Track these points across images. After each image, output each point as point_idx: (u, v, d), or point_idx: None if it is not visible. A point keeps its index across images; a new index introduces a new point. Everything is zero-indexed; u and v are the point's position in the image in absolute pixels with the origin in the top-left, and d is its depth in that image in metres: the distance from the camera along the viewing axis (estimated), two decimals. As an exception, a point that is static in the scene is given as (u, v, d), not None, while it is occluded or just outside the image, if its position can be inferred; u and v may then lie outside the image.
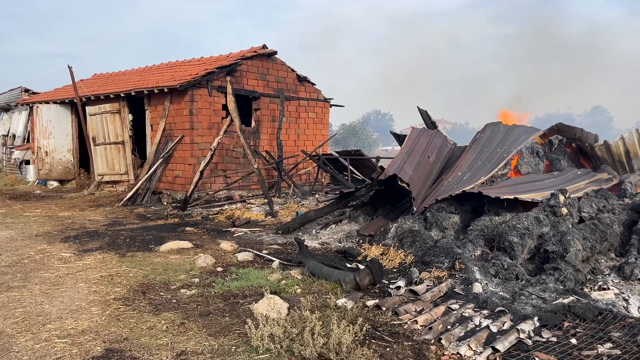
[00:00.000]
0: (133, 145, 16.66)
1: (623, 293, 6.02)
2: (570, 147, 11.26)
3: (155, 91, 15.14)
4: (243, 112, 16.29)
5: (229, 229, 10.15)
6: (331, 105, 19.02)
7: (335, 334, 4.22)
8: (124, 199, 13.89)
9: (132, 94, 15.76)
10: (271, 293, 5.65)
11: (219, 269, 7.07)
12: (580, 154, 11.30)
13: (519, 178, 9.83)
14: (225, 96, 13.79)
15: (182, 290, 6.04)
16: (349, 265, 7.04)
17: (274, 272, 6.76)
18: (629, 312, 5.54)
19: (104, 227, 10.36)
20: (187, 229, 10.16)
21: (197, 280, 6.48)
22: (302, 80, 17.65)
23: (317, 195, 14.90)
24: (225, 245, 8.40)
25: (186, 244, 8.41)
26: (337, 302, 5.51)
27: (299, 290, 6.03)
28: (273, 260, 7.40)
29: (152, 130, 15.88)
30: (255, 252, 7.93)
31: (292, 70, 17.37)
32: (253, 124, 16.45)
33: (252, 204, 13.78)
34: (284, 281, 6.38)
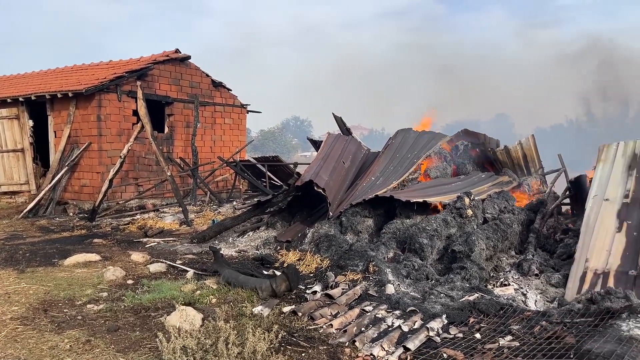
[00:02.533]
0: (35, 153, 15.58)
1: (522, 288, 6.46)
2: (475, 151, 11.95)
3: (59, 95, 14.26)
4: (156, 118, 15.76)
5: (141, 240, 9.76)
6: (248, 111, 18.88)
7: (250, 343, 4.18)
8: (25, 211, 12.95)
9: (33, 98, 14.75)
10: (185, 304, 5.50)
11: (130, 281, 6.78)
12: (484, 158, 12.02)
13: (429, 182, 10.28)
14: (136, 101, 13.26)
15: (88, 306, 5.72)
16: (265, 273, 7.00)
17: (189, 283, 6.58)
18: (527, 305, 5.95)
19: (1, 241, 9.59)
20: (95, 240, 9.64)
21: (105, 294, 6.16)
22: (218, 85, 17.39)
23: (234, 203, 14.71)
24: (137, 256, 8.06)
25: (94, 257, 7.97)
26: (253, 310, 5.47)
27: (214, 300, 5.91)
28: (187, 271, 7.21)
29: (55, 137, 14.94)
30: (169, 262, 7.69)
31: (207, 75, 17.07)
32: (166, 130, 15.96)
33: (166, 212, 13.35)
34: (198, 291, 6.23)
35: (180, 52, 16.12)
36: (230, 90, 17.91)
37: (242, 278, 6.28)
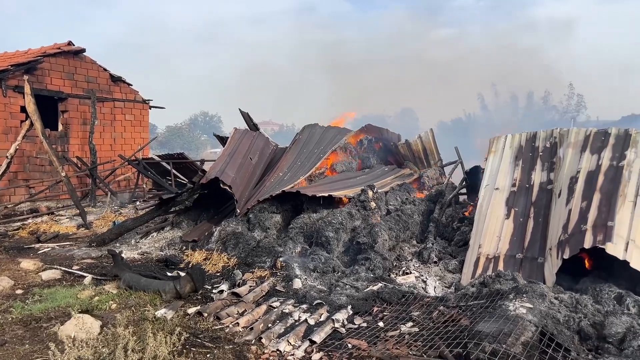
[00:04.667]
0: None
1: (422, 275, 6.78)
2: (379, 145, 12.34)
3: None
4: (49, 114, 14.72)
5: (33, 246, 9.06)
6: (151, 107, 18.15)
7: (150, 348, 4.03)
8: None
9: None
10: (81, 312, 5.20)
11: (19, 291, 6.27)
12: (388, 152, 12.46)
13: (335, 176, 10.48)
14: (24, 97, 12.27)
15: (-31, 321, 5.22)
16: (170, 274, 6.79)
17: (86, 289, 6.22)
18: (427, 292, 6.26)
19: None
20: (-22, 249, 8.82)
21: (-11, 307, 5.66)
22: (117, 80, 16.55)
23: (137, 203, 14.10)
24: (27, 264, 7.48)
25: (-25, 267, 7.29)
26: (156, 313, 5.27)
27: (114, 306, 5.63)
28: (85, 276, 6.81)
29: None
30: (64, 268, 7.22)
31: (105, 69, 16.19)
32: (60, 127, 14.95)
33: (62, 215, 12.51)
34: (97, 297, 5.90)
35: (74, 45, 15.15)
36: (131, 85, 17.13)
37: (144, 281, 6.05)
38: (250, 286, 6.23)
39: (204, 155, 46.87)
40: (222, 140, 13.69)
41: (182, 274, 6.63)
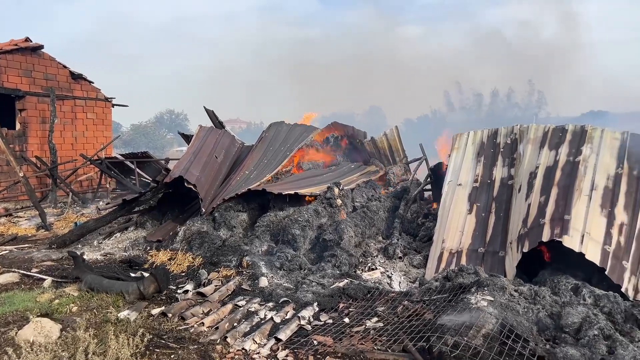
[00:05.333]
0: None
1: (387, 271, 6.86)
2: (345, 143, 12.41)
3: None
4: (5, 113, 14.25)
5: (-10, 249, 8.77)
6: (113, 105, 17.76)
7: (112, 350, 3.96)
8: None
9: None
10: (41, 315, 5.06)
11: (-26, 296, 6.06)
12: (354, 149, 12.54)
13: (301, 174, 10.49)
14: (-21, 95, 11.86)
15: None
16: (133, 275, 6.67)
17: (46, 292, 6.05)
18: (392, 287, 6.33)
19: None
20: None
21: (-58, 313, 5.45)
22: (77, 77, 16.12)
23: (100, 203, 13.78)
24: (-16, 267, 7.23)
25: None
26: (119, 315, 5.17)
27: (75, 309, 5.50)
28: (44, 279, 6.63)
29: None
30: (22, 271, 7.00)
31: (64, 66, 15.74)
32: (18, 126, 14.47)
33: (21, 217, 12.13)
34: (57, 301, 5.75)
35: (32, 41, 14.68)
36: (93, 82, 16.71)
37: (106, 282, 5.93)
38: (216, 285, 6.18)
39: (170, 153, 46.14)
40: (187, 138, 13.50)
41: (146, 274, 6.53)
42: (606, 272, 5.62)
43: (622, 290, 5.51)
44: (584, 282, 5.54)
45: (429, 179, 10.90)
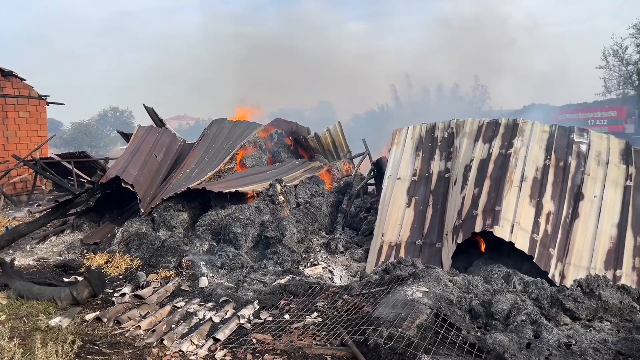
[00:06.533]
0: None
1: (329, 266, 6.92)
2: (289, 139, 12.39)
3: None
4: None
5: None
6: (48, 103, 17.00)
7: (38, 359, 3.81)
8: None
9: None
10: (-36, 327, 4.80)
11: None
12: (299, 146, 12.54)
13: (244, 171, 10.40)
14: None
15: None
16: (67, 280, 6.43)
17: (-29, 302, 5.75)
18: (333, 282, 6.39)
19: None
20: None
21: None
22: (8, 74, 15.31)
23: (35, 205, 13.19)
24: None
25: None
26: (49, 322, 4.99)
27: (3, 317, 5.26)
28: (-30, 288, 6.29)
29: None
30: (-54, 281, 6.61)
31: (-7, 63, 14.93)
32: (-57, 126, 13.64)
33: (-52, 223, 11.45)
34: (-18, 310, 5.48)
35: (-45, 36, 13.85)
36: (24, 80, 15.92)
37: (36, 289, 5.69)
38: (155, 287, 6.05)
39: (114, 152, 44.75)
40: (127, 137, 13.12)
41: (80, 279, 6.31)
42: (534, 260, 5.89)
43: (549, 276, 5.78)
44: (514, 270, 5.77)
45: (372, 174, 11.07)
